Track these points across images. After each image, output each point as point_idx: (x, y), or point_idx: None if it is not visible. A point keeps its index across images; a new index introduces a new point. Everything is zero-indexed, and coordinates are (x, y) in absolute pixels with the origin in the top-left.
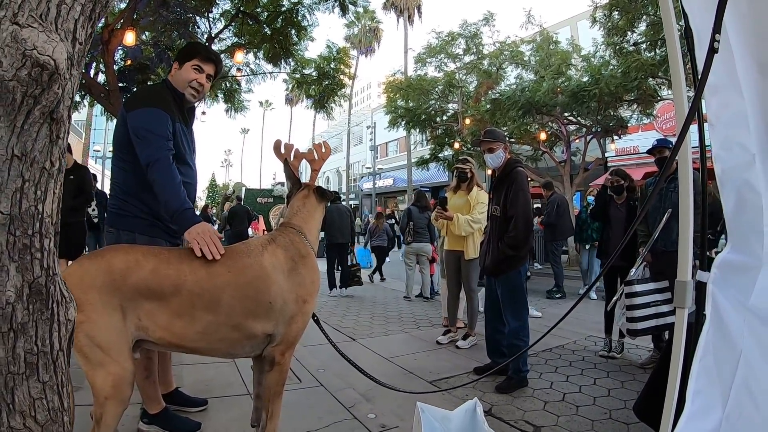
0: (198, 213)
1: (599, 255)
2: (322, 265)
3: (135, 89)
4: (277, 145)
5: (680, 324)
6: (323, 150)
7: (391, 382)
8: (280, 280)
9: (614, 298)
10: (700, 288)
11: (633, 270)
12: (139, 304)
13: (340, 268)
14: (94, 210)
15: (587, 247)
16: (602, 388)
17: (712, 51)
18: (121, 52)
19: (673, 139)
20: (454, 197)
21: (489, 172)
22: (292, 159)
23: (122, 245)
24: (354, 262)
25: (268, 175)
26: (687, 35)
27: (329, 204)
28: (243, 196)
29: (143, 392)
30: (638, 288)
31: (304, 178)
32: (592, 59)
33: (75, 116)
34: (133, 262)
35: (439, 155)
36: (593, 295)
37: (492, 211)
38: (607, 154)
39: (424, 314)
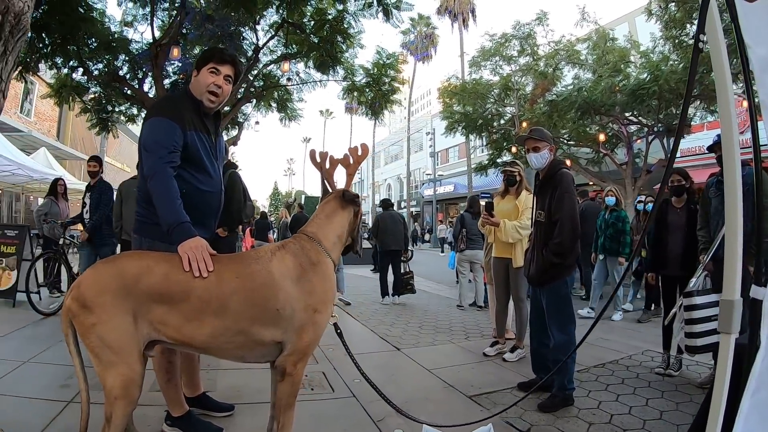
0: (258, 218)
1: (654, 266)
2: (366, 270)
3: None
4: (312, 155)
5: (725, 352)
6: (359, 153)
7: (429, 396)
8: (287, 287)
9: (672, 311)
10: (755, 306)
11: (693, 280)
12: (150, 307)
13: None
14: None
15: (601, 257)
16: (654, 410)
17: (698, 51)
18: (175, 65)
19: (741, 137)
20: (502, 202)
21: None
22: (327, 167)
23: (137, 251)
24: (407, 270)
25: None
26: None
27: (382, 210)
28: (303, 204)
29: (166, 395)
30: (698, 300)
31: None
32: (651, 55)
33: (133, 128)
34: (145, 267)
35: (498, 160)
36: (616, 316)
37: (536, 216)
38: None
39: (475, 324)
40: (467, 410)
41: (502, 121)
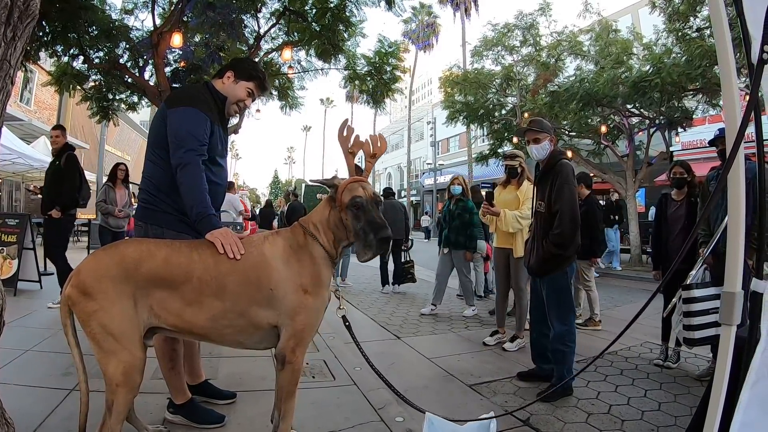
0: (262, 207)
1: (656, 261)
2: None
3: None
4: (342, 128)
5: (726, 344)
6: (379, 144)
7: (428, 384)
8: (279, 267)
9: (671, 303)
10: (755, 300)
11: (692, 273)
12: (150, 292)
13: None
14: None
15: (446, 251)
16: (652, 402)
17: (762, 63)
18: (176, 53)
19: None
20: (504, 192)
21: None
22: (351, 144)
23: (136, 238)
24: (408, 259)
25: (330, 171)
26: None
27: (383, 199)
28: (303, 193)
29: (168, 383)
30: (697, 293)
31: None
32: (654, 47)
33: (136, 117)
34: (146, 252)
35: (499, 150)
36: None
37: (536, 207)
38: (672, 148)
39: (475, 313)
40: (467, 399)
41: (503, 112)
